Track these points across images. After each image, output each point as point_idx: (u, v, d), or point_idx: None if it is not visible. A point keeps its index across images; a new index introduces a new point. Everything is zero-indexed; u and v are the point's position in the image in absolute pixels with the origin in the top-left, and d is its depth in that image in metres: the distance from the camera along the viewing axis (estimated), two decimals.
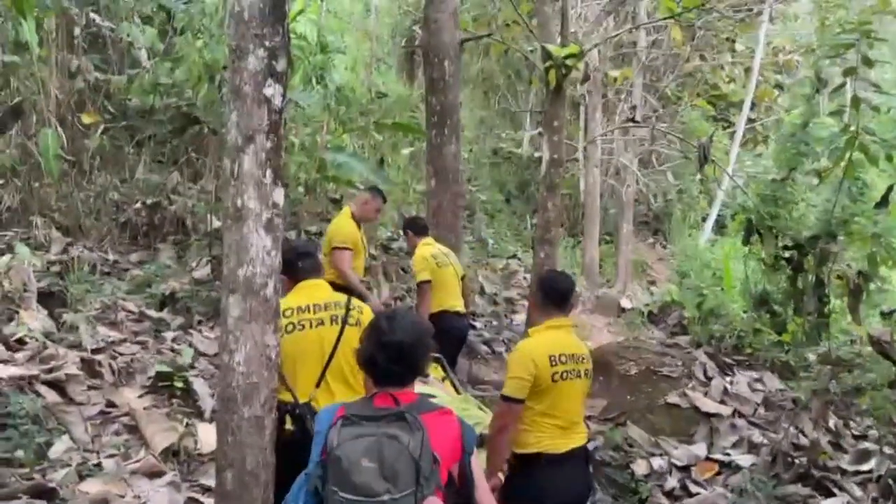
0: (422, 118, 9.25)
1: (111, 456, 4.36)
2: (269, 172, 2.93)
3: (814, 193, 7.40)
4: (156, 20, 8.54)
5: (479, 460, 2.37)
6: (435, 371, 5.10)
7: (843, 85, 5.22)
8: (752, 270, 7.40)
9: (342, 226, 6.00)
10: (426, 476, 2.03)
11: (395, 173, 10.99)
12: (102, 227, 7.50)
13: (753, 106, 16.30)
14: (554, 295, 3.36)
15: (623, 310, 12.35)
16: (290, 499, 2.26)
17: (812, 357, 6.59)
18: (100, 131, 7.51)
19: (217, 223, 7.07)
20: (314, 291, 3.35)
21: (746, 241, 6.69)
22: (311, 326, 3.23)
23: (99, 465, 4.22)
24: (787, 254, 6.37)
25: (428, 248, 5.99)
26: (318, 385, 3.19)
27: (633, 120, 13.66)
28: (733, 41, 16.09)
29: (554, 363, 3.15)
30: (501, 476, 3.18)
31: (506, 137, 17.69)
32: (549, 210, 8.56)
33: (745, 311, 7.84)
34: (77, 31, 7.70)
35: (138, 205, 7.68)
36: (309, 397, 3.16)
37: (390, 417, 2.11)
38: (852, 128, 4.97)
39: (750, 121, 16.38)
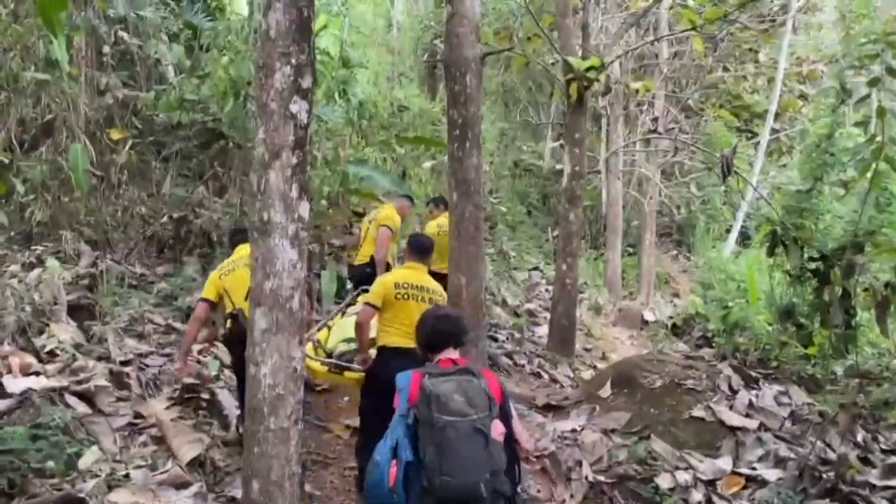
0: (443, 131, 9.28)
1: (139, 467, 4.42)
2: (294, 187, 2.98)
3: (839, 204, 7.32)
4: (182, 37, 8.72)
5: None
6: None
7: (868, 95, 5.18)
8: (778, 282, 7.31)
9: (393, 215, 7.24)
10: (492, 405, 2.93)
11: (416, 186, 11.05)
12: (130, 240, 7.63)
13: (777, 116, 16.17)
14: (416, 248, 4.97)
15: (646, 322, 12.28)
16: (388, 433, 2.91)
17: (839, 370, 6.49)
18: (127, 146, 7.64)
19: None
20: (242, 252, 4.89)
21: (771, 253, 6.60)
22: (238, 269, 4.89)
23: (127, 475, 4.28)
24: (812, 265, 6.28)
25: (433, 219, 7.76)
26: (244, 300, 4.43)
27: (655, 131, 13.63)
28: (756, 52, 16.01)
29: (398, 287, 4.65)
30: (369, 359, 4.70)
31: (527, 150, 17.72)
32: (570, 222, 8.57)
33: (770, 324, 7.75)
34: (106, 48, 7.87)
35: (165, 218, 7.79)
36: (240, 306, 4.74)
37: (460, 371, 3.03)
38: (878, 138, 4.92)
39: (774, 131, 16.26)
